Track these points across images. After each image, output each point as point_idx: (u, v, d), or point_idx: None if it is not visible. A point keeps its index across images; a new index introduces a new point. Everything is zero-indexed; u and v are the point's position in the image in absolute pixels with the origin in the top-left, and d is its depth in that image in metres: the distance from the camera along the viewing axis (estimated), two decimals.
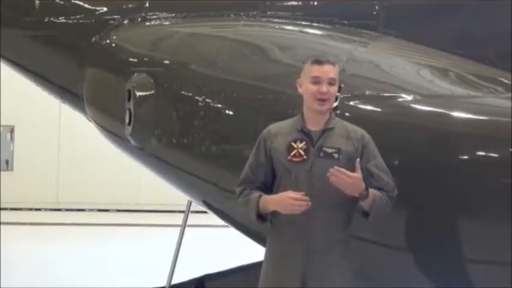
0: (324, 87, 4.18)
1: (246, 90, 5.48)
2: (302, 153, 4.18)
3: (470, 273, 4.45)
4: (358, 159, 4.10)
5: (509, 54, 5.40)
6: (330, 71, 4.22)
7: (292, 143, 4.20)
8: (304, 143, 4.20)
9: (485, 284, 4.44)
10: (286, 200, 4.09)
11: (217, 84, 5.56)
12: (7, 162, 16.52)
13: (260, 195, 4.22)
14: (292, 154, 4.19)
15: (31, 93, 8.90)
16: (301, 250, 4.15)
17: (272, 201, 4.17)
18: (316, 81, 4.20)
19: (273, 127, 4.35)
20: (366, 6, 5.84)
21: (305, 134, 4.22)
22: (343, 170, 4.03)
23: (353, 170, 4.17)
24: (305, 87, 4.25)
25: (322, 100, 4.18)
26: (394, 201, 4.21)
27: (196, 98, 5.62)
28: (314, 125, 4.23)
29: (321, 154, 4.17)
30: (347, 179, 4.04)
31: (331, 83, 4.20)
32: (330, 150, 4.18)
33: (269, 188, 4.28)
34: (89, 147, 14.84)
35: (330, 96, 4.20)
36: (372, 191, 4.12)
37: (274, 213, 4.22)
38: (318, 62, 4.24)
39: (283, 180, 4.22)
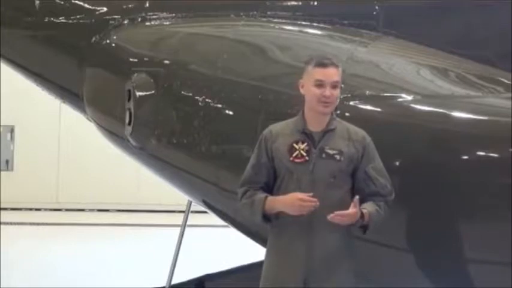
0: (328, 91, 4.17)
1: (246, 90, 5.48)
2: (304, 154, 4.18)
3: (471, 273, 4.46)
4: (357, 197, 4.08)
5: (509, 54, 5.40)
6: (333, 74, 4.20)
7: (294, 144, 4.20)
8: (306, 144, 4.20)
9: (485, 284, 4.44)
10: (295, 202, 4.08)
11: (217, 84, 5.56)
12: (7, 162, 16.51)
13: (266, 196, 4.21)
14: (294, 155, 4.19)
15: (31, 93, 8.91)
16: (302, 250, 4.15)
17: (280, 203, 4.16)
18: (320, 84, 4.18)
19: (274, 127, 4.35)
20: (366, 6, 5.84)
21: (306, 135, 4.22)
22: (341, 212, 4.04)
23: (353, 172, 4.19)
24: (308, 89, 4.23)
25: (326, 103, 4.18)
26: (390, 205, 4.22)
27: (196, 98, 5.62)
28: (315, 126, 4.23)
29: (323, 155, 4.18)
30: (346, 218, 4.05)
31: (334, 86, 4.20)
32: (331, 152, 4.18)
33: (271, 188, 4.28)
34: (89, 147, 14.85)
35: (333, 100, 4.20)
36: (368, 209, 4.13)
37: (277, 213, 4.22)
38: (322, 64, 4.22)
39: (285, 181, 4.22)
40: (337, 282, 4.16)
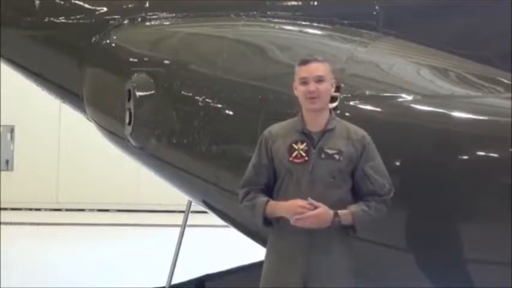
0: (311, 86, 4.18)
1: (246, 90, 5.48)
2: (303, 154, 4.18)
3: (471, 273, 4.45)
4: (309, 198, 4.08)
5: (509, 54, 5.39)
6: (316, 69, 4.22)
7: (293, 144, 4.21)
8: (305, 144, 4.20)
9: (485, 284, 4.44)
10: (296, 209, 4.08)
11: (217, 84, 5.56)
12: (7, 162, 16.53)
13: (267, 200, 4.22)
14: (293, 155, 4.19)
15: (31, 93, 8.91)
16: (302, 250, 4.15)
17: (281, 208, 4.17)
18: (304, 81, 4.21)
19: (274, 128, 4.35)
20: (366, 6, 5.83)
21: (306, 135, 4.22)
22: (302, 215, 4.04)
23: (353, 171, 4.19)
24: (297, 89, 4.28)
25: (312, 98, 4.19)
26: (388, 204, 4.21)
27: (196, 98, 5.62)
28: (314, 126, 4.23)
29: (322, 155, 4.17)
30: (311, 220, 4.04)
31: (319, 80, 4.20)
32: (331, 152, 4.18)
33: (272, 189, 4.29)
34: (89, 147, 14.87)
35: (319, 94, 4.20)
36: (352, 209, 4.12)
37: (278, 217, 4.21)
38: (304, 62, 4.26)
39: (285, 182, 4.22)
40: (337, 282, 4.16)
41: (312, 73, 4.20)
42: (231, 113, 5.55)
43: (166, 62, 6.04)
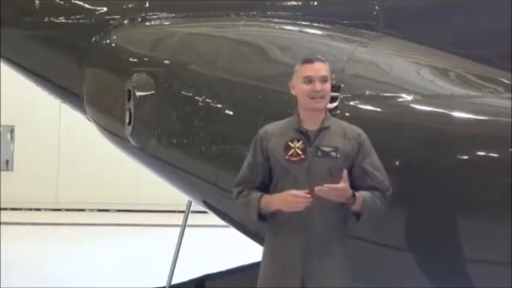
0: (318, 86, 4.19)
1: (245, 90, 5.48)
2: (300, 152, 4.19)
3: (470, 273, 4.45)
4: (346, 172, 4.08)
5: (509, 54, 5.39)
6: (321, 69, 4.23)
7: (290, 143, 4.21)
8: (301, 142, 4.20)
9: (485, 284, 4.44)
10: (289, 198, 4.09)
11: (217, 84, 5.56)
12: (7, 162, 16.53)
13: (261, 195, 4.22)
14: (289, 154, 4.20)
15: (31, 93, 8.91)
16: (300, 250, 4.15)
17: (275, 200, 4.17)
18: (309, 80, 4.21)
19: (269, 127, 4.36)
20: (366, 6, 5.83)
21: (302, 133, 4.23)
22: (331, 185, 4.03)
23: (350, 169, 4.19)
24: (298, 88, 4.26)
25: (319, 98, 4.19)
26: (388, 199, 4.22)
27: (196, 98, 5.62)
28: (310, 125, 4.23)
29: (319, 153, 4.18)
30: (335, 192, 4.04)
31: (324, 80, 4.22)
32: (327, 149, 4.19)
33: (267, 187, 4.28)
34: (89, 147, 14.87)
35: (324, 94, 4.22)
36: (361, 193, 4.13)
37: (273, 213, 4.21)
38: (308, 61, 4.26)
39: (281, 180, 4.22)
40: (335, 282, 4.16)
41: (318, 73, 4.22)
42: (231, 113, 5.55)
43: (166, 62, 6.04)
